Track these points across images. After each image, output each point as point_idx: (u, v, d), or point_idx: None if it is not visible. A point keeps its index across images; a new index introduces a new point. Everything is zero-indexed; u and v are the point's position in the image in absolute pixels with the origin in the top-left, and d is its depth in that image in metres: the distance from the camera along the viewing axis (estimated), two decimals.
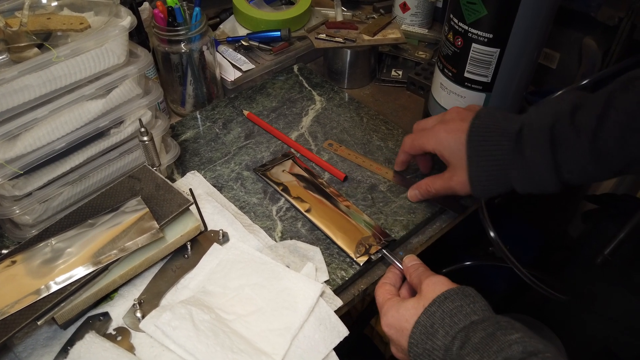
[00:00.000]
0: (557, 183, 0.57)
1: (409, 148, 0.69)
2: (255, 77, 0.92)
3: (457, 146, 0.61)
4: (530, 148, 0.56)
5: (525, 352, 0.42)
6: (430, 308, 0.50)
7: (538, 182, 0.57)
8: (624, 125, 0.51)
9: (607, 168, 0.54)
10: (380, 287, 0.58)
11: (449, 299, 0.50)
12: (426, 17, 1.03)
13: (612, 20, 0.77)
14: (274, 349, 0.54)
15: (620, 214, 1.01)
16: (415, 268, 0.57)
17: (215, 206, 0.68)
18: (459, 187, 0.62)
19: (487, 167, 0.59)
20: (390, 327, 0.53)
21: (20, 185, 0.59)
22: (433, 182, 0.67)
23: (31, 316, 0.51)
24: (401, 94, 0.93)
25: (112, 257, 0.56)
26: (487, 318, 0.47)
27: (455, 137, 0.61)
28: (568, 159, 0.55)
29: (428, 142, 0.64)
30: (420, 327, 0.49)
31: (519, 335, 0.44)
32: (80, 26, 0.60)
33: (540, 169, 0.56)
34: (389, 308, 0.53)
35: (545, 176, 0.56)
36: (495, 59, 0.66)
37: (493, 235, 0.61)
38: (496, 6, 0.61)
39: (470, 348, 0.45)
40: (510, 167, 0.57)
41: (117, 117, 0.63)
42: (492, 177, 0.59)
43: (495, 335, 0.45)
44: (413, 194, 0.70)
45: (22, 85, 0.54)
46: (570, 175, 0.56)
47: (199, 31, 0.78)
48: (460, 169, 0.61)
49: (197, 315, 0.55)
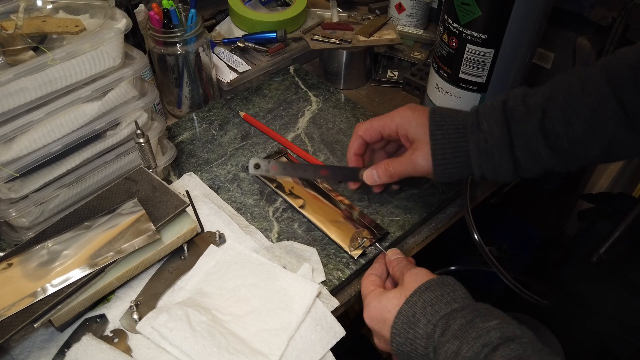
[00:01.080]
0: (511, 161, 0.57)
1: (364, 131, 0.65)
2: (251, 79, 0.92)
3: (422, 121, 0.60)
4: (486, 121, 0.57)
5: (502, 338, 0.44)
6: (411, 298, 0.51)
7: (494, 160, 0.58)
8: (567, 104, 0.54)
9: (556, 150, 0.56)
10: (366, 278, 0.59)
11: (429, 288, 0.51)
12: (421, 18, 1.04)
13: (605, 20, 0.78)
14: (271, 350, 0.54)
15: (616, 212, 1.01)
16: (398, 261, 0.58)
17: (212, 207, 0.68)
18: (421, 162, 0.60)
19: (449, 141, 0.59)
20: (372, 318, 0.54)
21: (17, 188, 0.59)
22: (392, 162, 0.63)
23: (28, 319, 0.51)
24: (397, 95, 0.93)
25: (109, 259, 0.56)
26: (466, 306, 0.49)
27: (419, 114, 0.61)
28: (521, 134, 0.56)
29: (392, 119, 0.62)
30: (402, 316, 0.50)
31: (497, 322, 0.45)
32: (76, 29, 0.60)
33: (496, 142, 0.57)
34: (372, 300, 0.54)
35: (501, 151, 0.57)
36: (489, 60, 0.66)
37: (477, 239, 0.61)
38: (490, 7, 0.62)
39: (450, 335, 0.46)
40: (469, 143, 0.58)
41: (113, 120, 0.64)
42: (453, 152, 0.59)
43: (474, 322, 0.46)
44: (369, 174, 0.65)
45: (18, 88, 0.54)
46: (523, 154, 0.57)
47: (194, 33, 0.78)
48: (423, 143, 0.60)
49: (194, 316, 0.55)
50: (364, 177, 0.66)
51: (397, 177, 0.64)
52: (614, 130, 0.54)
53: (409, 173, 0.62)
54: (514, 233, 1.29)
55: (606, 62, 0.55)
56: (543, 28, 0.67)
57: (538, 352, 0.43)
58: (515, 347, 0.43)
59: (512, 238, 1.27)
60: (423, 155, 0.60)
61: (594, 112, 0.53)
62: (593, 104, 0.54)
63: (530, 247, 1.28)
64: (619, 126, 0.54)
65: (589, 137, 0.55)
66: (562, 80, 0.57)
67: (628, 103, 0.53)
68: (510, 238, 1.27)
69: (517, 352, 0.42)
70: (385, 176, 0.64)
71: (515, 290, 0.61)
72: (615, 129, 0.54)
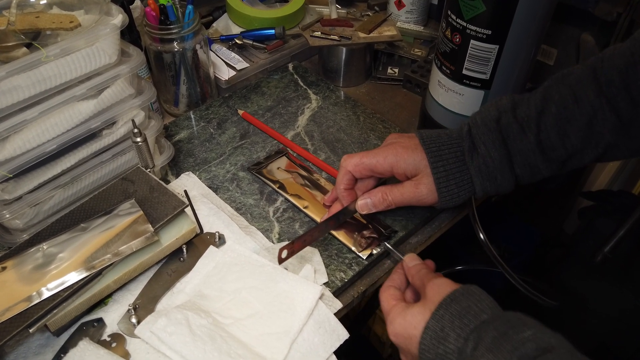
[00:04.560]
0: (512, 178, 0.59)
1: (354, 167, 0.62)
2: (250, 76, 0.91)
3: (418, 156, 0.60)
4: (483, 144, 0.58)
5: (539, 349, 0.42)
6: (438, 312, 0.49)
7: (496, 181, 0.59)
8: (561, 117, 0.55)
9: (554, 161, 0.57)
10: (385, 291, 0.56)
11: (455, 300, 0.49)
12: (421, 14, 1.03)
13: (610, 16, 0.77)
14: (273, 354, 0.53)
15: (616, 210, 1.01)
16: (417, 270, 0.56)
17: (211, 208, 0.67)
18: (426, 194, 0.60)
19: (451, 172, 0.59)
20: (398, 335, 0.51)
21: (10, 189, 0.58)
22: (391, 190, 0.62)
23: (23, 324, 0.50)
24: (397, 92, 0.92)
25: (106, 261, 0.55)
26: (497, 316, 0.47)
27: (412, 150, 0.60)
28: (518, 151, 0.57)
29: (385, 159, 0.61)
30: (430, 332, 0.48)
31: (531, 332, 0.44)
32: (70, 25, 0.59)
33: (496, 163, 0.58)
34: (395, 316, 0.52)
35: (502, 172, 0.58)
36: (494, 56, 0.65)
37: (483, 239, 0.60)
38: (495, 2, 0.61)
39: (483, 349, 0.44)
40: (470, 169, 0.59)
41: (109, 118, 0.62)
42: (456, 181, 0.60)
43: (507, 334, 0.44)
44: (364, 202, 0.63)
45: (11, 86, 0.52)
46: (523, 170, 0.58)
47: (191, 29, 0.77)
48: (425, 176, 0.60)
49: (194, 320, 0.54)
50: (358, 208, 0.64)
51: (395, 206, 0.63)
52: (609, 138, 0.55)
53: (410, 203, 0.62)
54: (513, 231, 1.28)
55: (594, 66, 0.55)
56: (548, 24, 0.66)
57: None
58: (553, 358, 0.41)
59: (511, 236, 1.26)
60: (427, 188, 0.60)
61: (589, 122, 0.54)
62: (588, 114, 0.54)
63: (529, 245, 1.27)
64: (615, 134, 0.55)
65: (585, 146, 0.56)
66: (552, 89, 0.57)
67: (622, 110, 0.54)
68: (510, 236, 1.26)
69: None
70: (382, 205, 0.63)
71: (523, 291, 0.60)
72: (610, 136, 0.55)
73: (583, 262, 1.09)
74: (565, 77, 0.57)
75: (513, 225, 1.30)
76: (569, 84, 0.56)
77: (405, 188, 0.61)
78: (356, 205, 0.64)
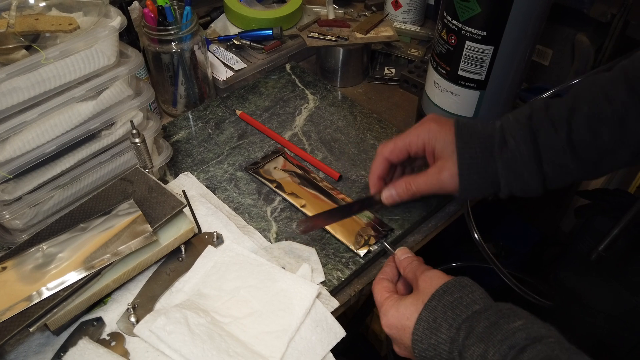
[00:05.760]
0: (540, 178, 0.57)
1: (390, 153, 0.62)
2: (248, 77, 0.91)
3: (448, 138, 0.58)
4: (512, 138, 0.56)
5: (529, 338, 0.43)
6: (430, 303, 0.50)
7: (523, 177, 0.57)
8: (593, 115, 0.54)
9: (585, 162, 0.55)
10: (378, 284, 0.57)
11: (447, 292, 0.50)
12: (418, 15, 1.03)
13: (604, 17, 0.77)
14: (271, 352, 0.54)
15: (613, 209, 1.01)
16: (408, 262, 0.57)
17: (209, 208, 0.67)
18: (448, 181, 0.58)
19: (476, 161, 0.57)
20: (391, 327, 0.52)
21: (10, 190, 0.58)
22: (414, 179, 0.61)
23: (23, 323, 0.50)
24: (394, 92, 0.93)
25: (105, 261, 0.55)
26: (488, 307, 0.48)
27: (446, 130, 0.59)
28: (548, 148, 0.56)
29: (418, 136, 0.60)
30: (423, 322, 0.49)
31: (521, 322, 0.45)
32: (69, 27, 0.59)
33: (524, 158, 0.56)
34: (389, 308, 0.53)
35: (530, 168, 0.56)
36: (489, 57, 0.66)
37: (478, 239, 0.61)
38: (490, 3, 0.61)
39: (475, 338, 0.45)
40: (497, 163, 0.57)
41: (108, 119, 0.63)
42: (479, 171, 0.57)
43: (498, 323, 0.45)
44: (389, 194, 0.62)
45: (11, 88, 0.53)
46: (552, 169, 0.56)
47: (189, 30, 0.77)
48: (450, 161, 0.58)
49: (192, 319, 0.54)
50: (384, 199, 0.63)
51: (419, 195, 0.61)
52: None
53: (434, 191, 0.60)
54: (511, 230, 1.29)
55: (624, 67, 0.54)
56: (543, 24, 0.66)
57: (565, 351, 0.42)
58: (542, 347, 0.42)
59: (509, 235, 1.27)
60: (450, 174, 0.58)
61: (622, 121, 0.53)
62: (620, 113, 0.53)
63: (527, 243, 1.28)
64: None
65: (618, 145, 0.54)
66: (583, 90, 0.56)
67: None
68: (508, 235, 1.27)
69: (544, 353, 0.41)
70: (406, 195, 0.61)
71: (517, 291, 0.60)
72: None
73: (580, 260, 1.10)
74: (596, 79, 0.56)
75: (511, 224, 1.31)
76: (600, 85, 0.55)
77: (429, 176, 0.60)
78: (382, 196, 0.63)
